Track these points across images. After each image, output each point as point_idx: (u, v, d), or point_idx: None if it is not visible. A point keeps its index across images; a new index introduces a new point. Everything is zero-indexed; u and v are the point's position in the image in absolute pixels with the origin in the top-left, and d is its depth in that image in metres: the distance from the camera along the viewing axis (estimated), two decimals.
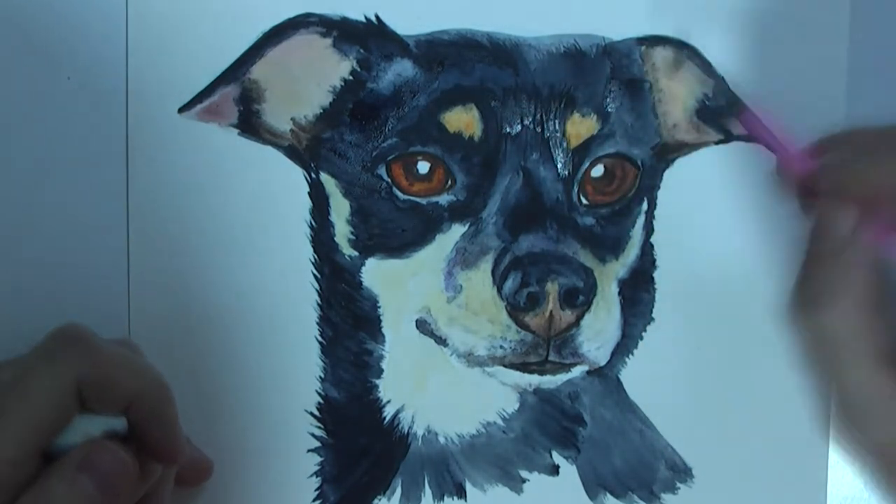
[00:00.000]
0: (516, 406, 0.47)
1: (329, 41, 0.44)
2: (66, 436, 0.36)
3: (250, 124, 0.44)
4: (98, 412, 0.37)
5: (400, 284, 0.45)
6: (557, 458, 0.48)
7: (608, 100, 0.46)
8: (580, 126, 0.45)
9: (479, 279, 0.44)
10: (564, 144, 0.45)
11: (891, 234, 0.36)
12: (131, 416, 0.37)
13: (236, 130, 0.44)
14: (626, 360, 0.47)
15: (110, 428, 0.37)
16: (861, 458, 0.36)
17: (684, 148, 0.47)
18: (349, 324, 0.46)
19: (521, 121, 0.45)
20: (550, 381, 0.46)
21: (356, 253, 0.45)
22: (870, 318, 0.35)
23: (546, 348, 0.43)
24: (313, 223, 0.45)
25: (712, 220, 0.47)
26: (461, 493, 0.47)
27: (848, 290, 0.35)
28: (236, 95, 0.44)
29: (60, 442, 0.36)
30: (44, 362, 0.36)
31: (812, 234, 0.38)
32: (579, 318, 0.43)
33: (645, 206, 0.47)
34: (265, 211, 0.45)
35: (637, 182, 0.46)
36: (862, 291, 0.35)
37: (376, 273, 0.45)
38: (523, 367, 0.44)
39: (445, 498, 0.47)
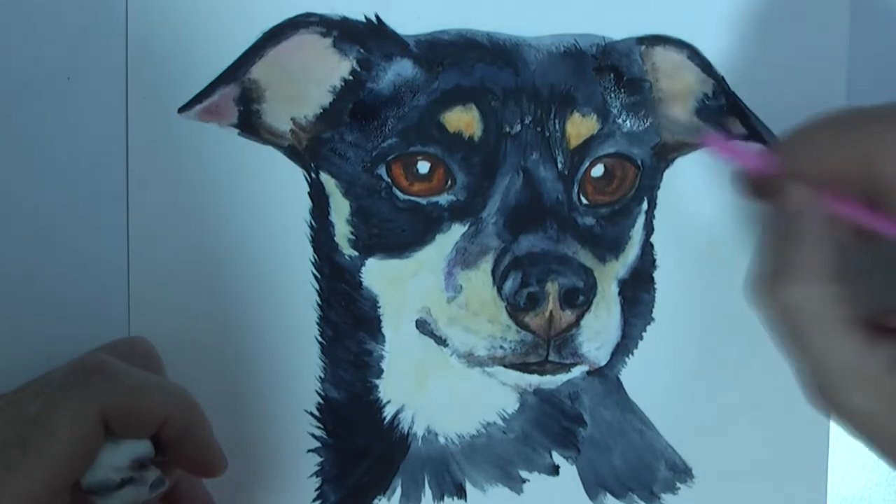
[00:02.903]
0: (516, 406, 0.47)
1: (329, 41, 0.44)
2: (93, 469, 0.36)
3: (250, 124, 0.44)
4: (123, 438, 0.37)
5: (400, 284, 0.45)
6: (557, 458, 0.48)
7: (608, 100, 0.46)
8: (580, 126, 0.45)
9: (479, 279, 0.44)
10: (564, 144, 0.45)
11: (850, 208, 0.37)
12: (163, 438, 0.37)
13: (236, 130, 0.44)
14: (626, 360, 0.47)
15: (137, 455, 0.37)
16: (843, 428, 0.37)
17: (684, 148, 0.47)
18: (349, 324, 0.46)
19: (521, 121, 0.45)
20: (550, 381, 0.46)
21: (356, 253, 0.45)
22: (833, 288, 0.36)
23: (546, 348, 0.43)
24: (313, 223, 0.45)
25: (712, 220, 0.47)
26: (461, 493, 0.47)
27: (810, 264, 0.36)
28: (236, 95, 0.44)
29: (88, 476, 0.36)
30: (68, 396, 0.36)
31: (773, 214, 0.39)
32: (579, 318, 0.43)
33: (645, 205, 0.47)
34: (265, 211, 0.45)
35: (637, 182, 0.46)
36: (824, 263, 0.36)
37: (376, 273, 0.45)
38: (523, 368, 0.44)
39: (445, 498, 0.47)
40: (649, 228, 0.47)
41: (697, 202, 0.47)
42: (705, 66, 0.47)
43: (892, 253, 0.36)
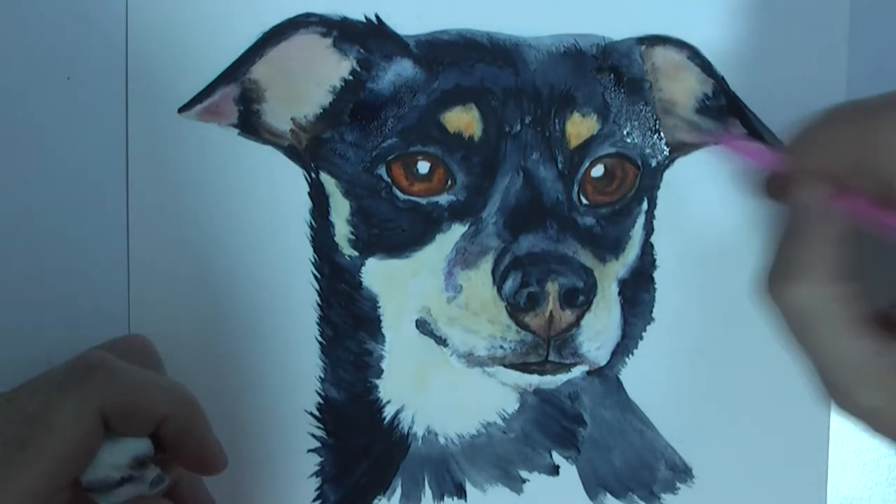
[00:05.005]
0: (516, 406, 0.47)
1: (329, 41, 0.44)
2: (93, 466, 0.36)
3: (250, 124, 0.44)
4: (123, 436, 0.37)
5: (400, 284, 0.45)
6: (557, 458, 0.48)
7: (608, 100, 0.46)
8: (580, 126, 0.45)
9: (479, 279, 0.44)
10: (564, 144, 0.45)
11: (859, 205, 0.36)
12: (163, 435, 0.37)
13: (236, 130, 0.44)
14: (626, 360, 0.47)
15: (136, 453, 0.37)
16: (857, 425, 0.37)
17: (684, 148, 0.47)
18: (349, 324, 0.46)
19: (522, 121, 0.45)
20: (550, 381, 0.46)
21: (356, 253, 0.45)
22: (842, 287, 0.35)
23: (546, 348, 0.43)
24: (313, 223, 0.45)
25: (712, 220, 0.47)
26: (461, 493, 0.47)
27: (818, 263, 0.35)
28: (236, 95, 0.44)
29: (88, 473, 0.36)
30: (68, 394, 0.36)
31: (786, 213, 0.38)
32: (579, 318, 0.43)
33: (645, 205, 0.47)
34: (265, 211, 0.45)
35: (637, 182, 0.46)
36: (832, 262, 0.35)
37: (376, 273, 0.45)
38: (523, 368, 0.44)
39: (445, 498, 0.47)
40: (649, 228, 0.47)
41: (697, 202, 0.47)
42: (705, 66, 0.46)
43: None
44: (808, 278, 0.36)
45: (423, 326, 0.45)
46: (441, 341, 0.45)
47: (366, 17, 0.44)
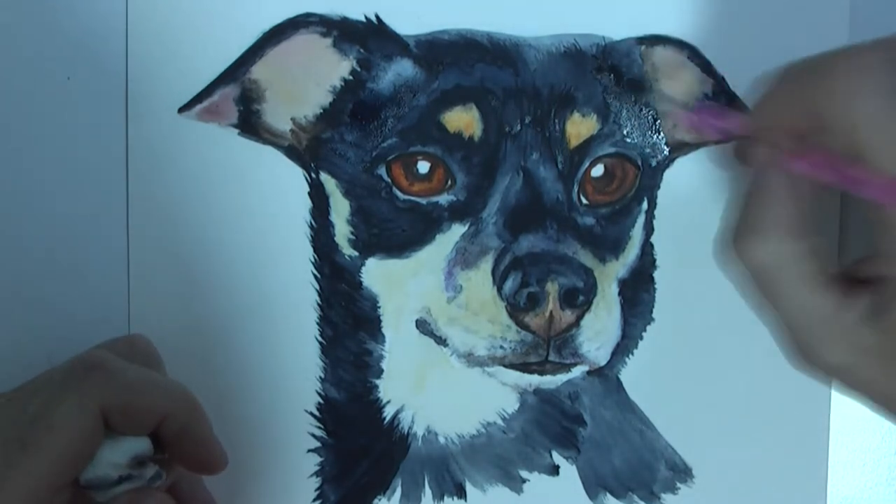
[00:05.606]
0: (516, 406, 0.47)
1: (329, 41, 0.44)
2: (92, 465, 0.36)
3: (250, 124, 0.44)
4: (123, 435, 0.37)
5: (400, 284, 0.45)
6: (557, 458, 0.48)
7: (608, 100, 0.46)
8: (580, 126, 0.45)
9: (479, 279, 0.44)
10: (564, 144, 0.45)
11: (819, 160, 0.36)
12: (162, 435, 0.37)
13: (236, 130, 0.44)
14: (626, 360, 0.47)
15: (135, 452, 0.37)
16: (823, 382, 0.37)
17: (684, 148, 0.47)
18: (349, 324, 0.46)
19: (522, 121, 0.45)
20: (550, 381, 0.46)
21: (356, 253, 0.45)
22: (804, 242, 0.35)
23: (546, 348, 0.43)
24: (313, 223, 0.45)
25: (712, 220, 0.47)
26: (461, 493, 0.47)
27: (779, 219, 0.36)
28: (236, 95, 0.44)
29: (87, 472, 0.36)
30: (68, 393, 0.35)
31: (745, 175, 0.39)
32: (579, 318, 0.43)
33: (645, 205, 0.47)
34: (265, 211, 0.45)
35: (637, 182, 0.46)
36: (793, 218, 0.36)
37: (376, 273, 0.45)
38: (523, 368, 0.44)
39: (445, 498, 0.47)
40: (649, 228, 0.47)
41: (697, 202, 0.47)
42: (705, 66, 0.46)
43: (859, 204, 0.35)
44: (771, 234, 0.36)
45: (423, 326, 0.45)
46: (441, 341, 0.45)
47: (366, 17, 0.44)
